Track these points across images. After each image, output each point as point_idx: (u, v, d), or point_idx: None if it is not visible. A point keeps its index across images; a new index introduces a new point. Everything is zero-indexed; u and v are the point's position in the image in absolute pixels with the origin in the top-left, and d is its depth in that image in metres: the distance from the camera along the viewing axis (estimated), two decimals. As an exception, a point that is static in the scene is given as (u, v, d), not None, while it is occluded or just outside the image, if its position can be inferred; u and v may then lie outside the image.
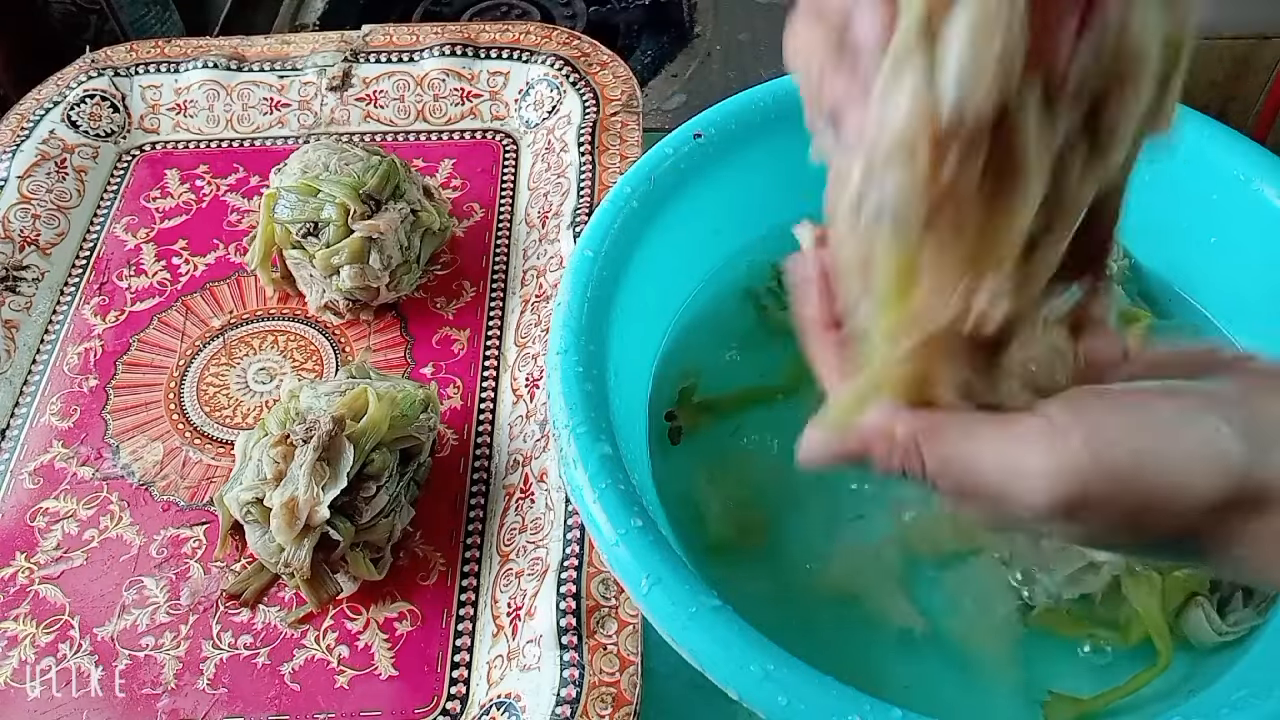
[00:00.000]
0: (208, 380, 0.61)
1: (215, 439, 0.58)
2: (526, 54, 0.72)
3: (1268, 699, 0.34)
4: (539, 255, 0.63)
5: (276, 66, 0.73)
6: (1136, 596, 0.43)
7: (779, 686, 0.33)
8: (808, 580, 0.46)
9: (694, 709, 0.46)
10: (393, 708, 0.48)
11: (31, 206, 0.67)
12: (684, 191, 0.49)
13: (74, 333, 0.63)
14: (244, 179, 0.71)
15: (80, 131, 0.72)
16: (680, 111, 0.80)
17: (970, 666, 0.43)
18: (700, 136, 0.49)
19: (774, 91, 0.50)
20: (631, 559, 0.36)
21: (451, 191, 0.69)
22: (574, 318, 0.43)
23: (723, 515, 0.47)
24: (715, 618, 0.35)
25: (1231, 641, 0.42)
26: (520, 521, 0.52)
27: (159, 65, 0.74)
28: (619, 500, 0.38)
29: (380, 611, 0.51)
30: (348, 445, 0.48)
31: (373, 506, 0.49)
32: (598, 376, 0.42)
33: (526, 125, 0.72)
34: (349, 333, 0.62)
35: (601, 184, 0.64)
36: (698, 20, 0.88)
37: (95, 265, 0.67)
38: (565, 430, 0.40)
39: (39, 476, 0.57)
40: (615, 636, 0.46)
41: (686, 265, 0.53)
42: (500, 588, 0.50)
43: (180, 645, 0.50)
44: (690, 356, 0.52)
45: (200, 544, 0.54)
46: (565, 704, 0.43)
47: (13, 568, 0.53)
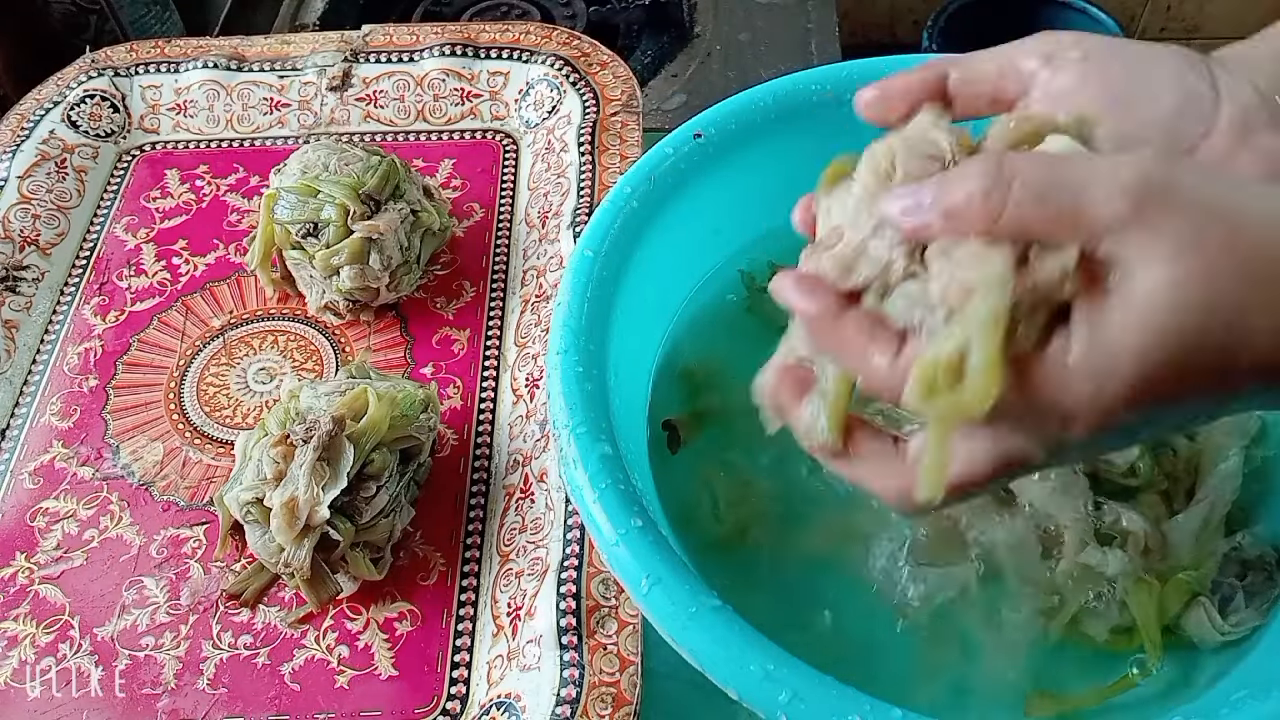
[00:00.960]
0: (208, 380, 0.61)
1: (215, 439, 0.58)
2: (526, 54, 0.72)
3: (1267, 699, 0.34)
4: (539, 255, 0.63)
5: (276, 66, 0.73)
6: (1135, 601, 0.43)
7: (779, 686, 0.33)
8: (808, 580, 0.46)
9: (694, 709, 0.46)
10: (393, 708, 0.48)
11: (31, 206, 0.67)
12: (684, 191, 0.48)
13: (74, 333, 0.63)
14: (244, 179, 0.71)
15: (80, 131, 0.72)
16: (680, 111, 0.80)
17: (970, 666, 0.43)
18: (700, 136, 0.49)
19: (774, 91, 0.50)
20: (631, 559, 0.36)
21: (451, 191, 0.69)
22: (574, 318, 0.43)
23: (722, 516, 0.47)
24: (715, 618, 0.35)
25: (1233, 642, 0.42)
26: (520, 521, 0.52)
27: (159, 65, 0.74)
28: (619, 500, 0.38)
29: (380, 611, 0.51)
30: (348, 445, 0.48)
31: (373, 506, 0.49)
32: (598, 376, 0.42)
33: (526, 125, 0.72)
34: (349, 333, 0.62)
35: (601, 184, 0.64)
36: (698, 20, 0.88)
37: (95, 265, 0.67)
38: (565, 430, 0.40)
39: (39, 476, 0.57)
40: (615, 636, 0.46)
41: (686, 265, 0.53)
42: (500, 588, 0.50)
43: (180, 645, 0.50)
44: (690, 356, 0.52)
45: (200, 544, 0.54)
46: (565, 704, 0.43)
47: (13, 568, 0.53)
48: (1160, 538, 0.44)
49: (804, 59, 0.82)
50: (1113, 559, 0.43)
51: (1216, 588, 0.43)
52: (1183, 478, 0.46)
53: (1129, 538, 0.44)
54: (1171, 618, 0.43)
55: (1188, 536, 0.44)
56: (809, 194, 0.34)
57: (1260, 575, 0.43)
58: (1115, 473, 0.46)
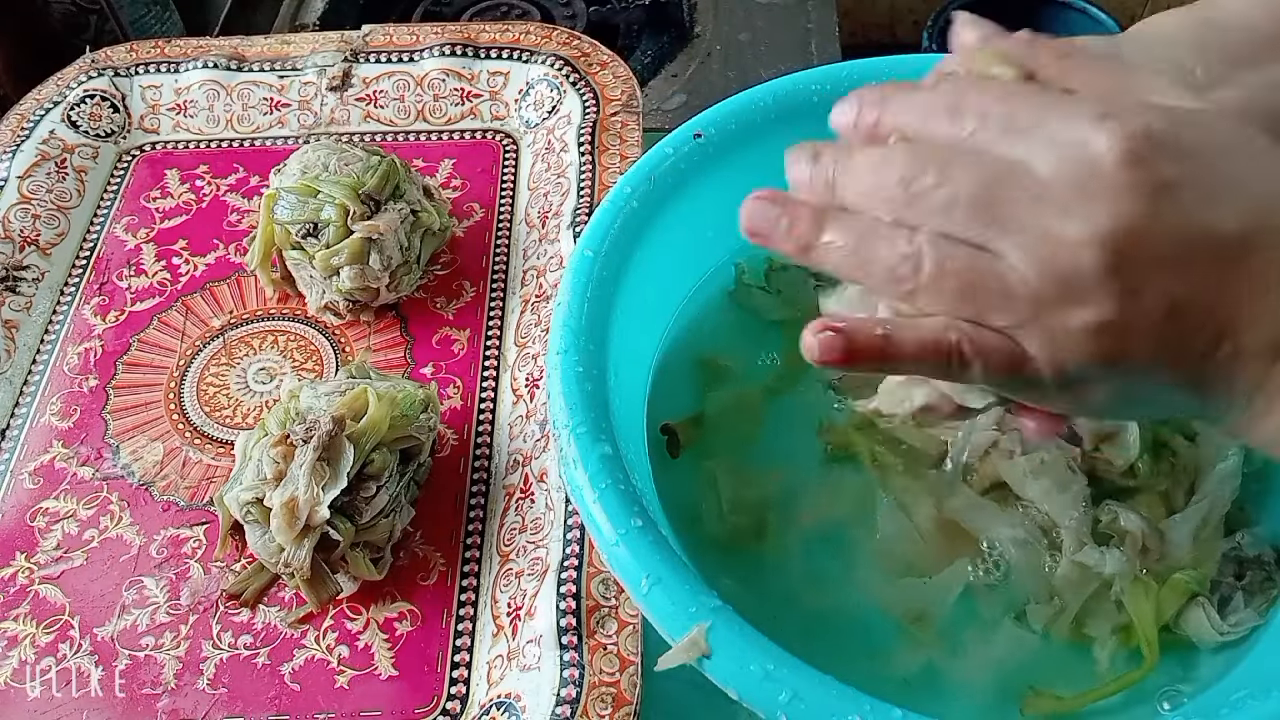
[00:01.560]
0: (208, 380, 0.61)
1: (215, 439, 0.58)
2: (526, 54, 0.72)
3: (1267, 699, 0.34)
4: (539, 255, 0.63)
5: (276, 66, 0.73)
6: (1132, 601, 0.43)
7: (779, 686, 0.33)
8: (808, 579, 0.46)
9: (694, 709, 0.46)
10: (393, 708, 0.48)
11: (31, 206, 0.67)
12: (684, 191, 0.48)
13: (74, 333, 0.63)
14: (244, 179, 0.71)
15: (80, 131, 0.72)
16: (680, 111, 0.80)
17: (968, 665, 0.43)
18: (700, 136, 0.49)
19: (774, 91, 0.50)
20: (631, 559, 0.36)
21: (451, 191, 0.69)
22: (574, 318, 0.43)
23: (725, 517, 0.47)
24: (715, 618, 0.35)
25: (1232, 642, 0.42)
26: (520, 521, 0.52)
27: (159, 65, 0.74)
28: (619, 500, 0.38)
29: (380, 611, 0.51)
30: (348, 445, 0.48)
31: (373, 506, 0.49)
32: (598, 376, 0.42)
33: (526, 125, 0.72)
34: (349, 333, 0.62)
35: (601, 184, 0.64)
36: (698, 20, 0.88)
37: (95, 265, 0.67)
38: (565, 430, 0.40)
39: (39, 476, 0.57)
40: (615, 637, 0.46)
41: (686, 265, 0.53)
42: (500, 588, 0.50)
43: (180, 645, 0.50)
44: (690, 356, 0.52)
45: (200, 544, 0.54)
46: (565, 704, 0.43)
47: (13, 568, 0.53)
48: (1159, 537, 0.44)
49: (804, 59, 0.82)
50: (1110, 558, 0.43)
51: (1215, 588, 0.43)
52: (1182, 478, 0.46)
53: (1127, 537, 0.44)
54: (1170, 617, 0.43)
55: (1186, 536, 0.44)
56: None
57: (1259, 575, 0.43)
58: (1114, 472, 0.46)
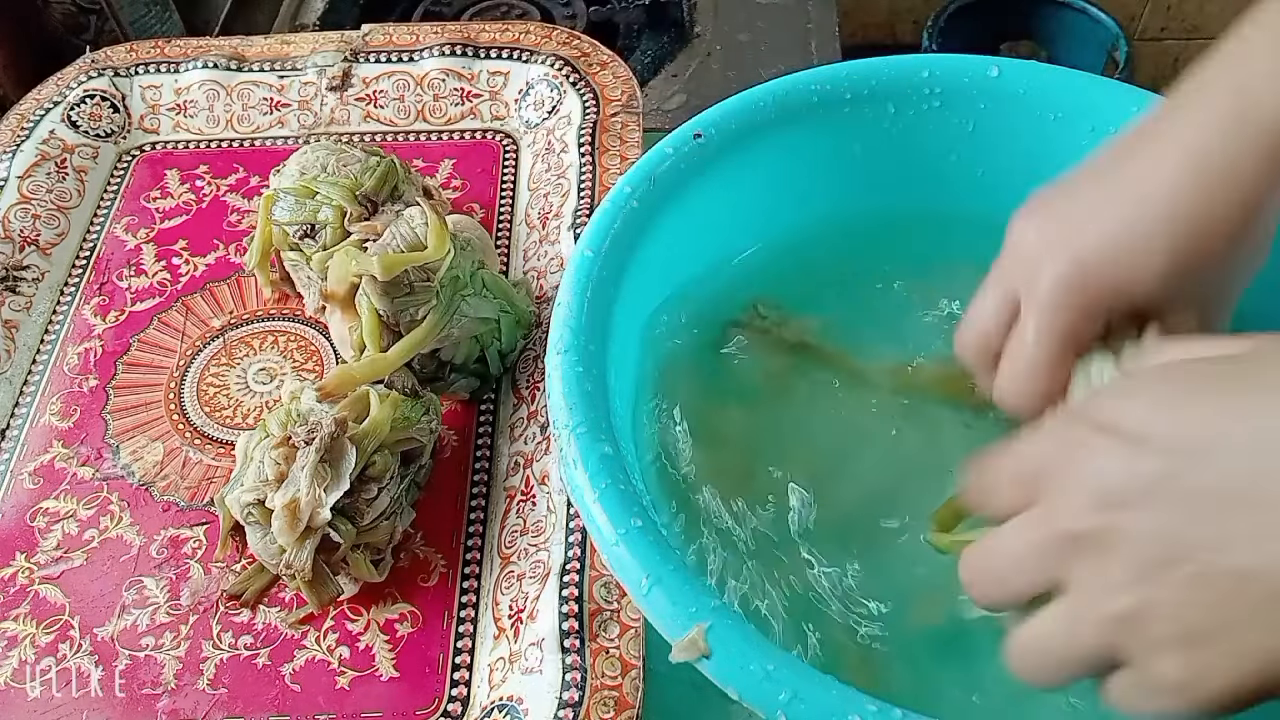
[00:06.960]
0: (208, 380, 0.61)
1: (215, 439, 0.58)
2: (526, 54, 0.72)
3: (1268, 699, 0.34)
4: (539, 256, 0.63)
5: (276, 66, 0.73)
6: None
7: (779, 686, 0.33)
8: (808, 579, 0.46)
9: (694, 709, 0.46)
10: (393, 709, 0.48)
11: (31, 206, 0.67)
12: (684, 191, 0.48)
13: (74, 333, 0.63)
14: (244, 179, 0.71)
15: (80, 131, 0.72)
16: (680, 111, 0.80)
17: (969, 665, 0.43)
18: (700, 136, 0.49)
19: (774, 91, 0.50)
20: (631, 559, 0.36)
21: (451, 192, 0.69)
22: (574, 318, 0.43)
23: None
24: (715, 618, 0.35)
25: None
26: (522, 524, 0.52)
27: (159, 65, 0.74)
28: (619, 500, 0.38)
29: (381, 613, 0.51)
30: (350, 447, 0.48)
31: (374, 508, 0.49)
32: (598, 376, 0.42)
33: (526, 125, 0.72)
34: (349, 333, 0.62)
35: (602, 184, 0.64)
36: (698, 20, 0.88)
37: (95, 265, 0.67)
38: (565, 430, 0.40)
39: (39, 476, 0.57)
40: (617, 640, 0.45)
41: (686, 265, 0.53)
42: (502, 590, 0.50)
43: (180, 645, 0.50)
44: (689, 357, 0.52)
45: (200, 544, 0.54)
46: (567, 707, 0.43)
47: (13, 568, 0.53)
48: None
49: (804, 59, 0.82)
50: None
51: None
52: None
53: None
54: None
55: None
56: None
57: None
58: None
